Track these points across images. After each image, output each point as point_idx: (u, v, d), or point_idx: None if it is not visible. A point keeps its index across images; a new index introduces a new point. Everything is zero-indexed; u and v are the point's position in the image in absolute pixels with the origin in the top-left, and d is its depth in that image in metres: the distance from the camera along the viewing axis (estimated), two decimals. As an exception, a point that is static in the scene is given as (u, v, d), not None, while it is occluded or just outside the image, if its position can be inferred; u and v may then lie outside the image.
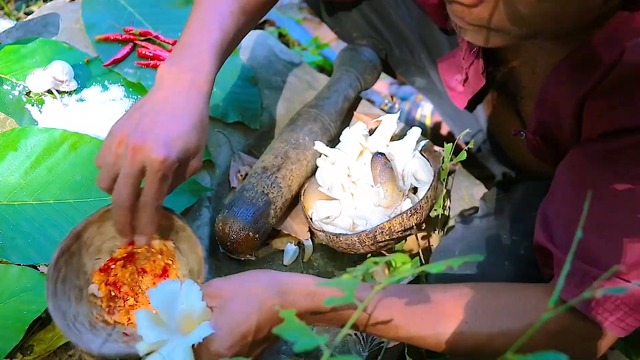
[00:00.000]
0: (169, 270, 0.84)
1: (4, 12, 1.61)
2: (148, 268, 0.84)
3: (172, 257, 0.83)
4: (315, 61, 1.71)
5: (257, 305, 0.69)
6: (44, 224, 0.89)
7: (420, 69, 1.26)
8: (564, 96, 0.76)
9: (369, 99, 1.57)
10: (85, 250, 0.79)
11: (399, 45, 1.24)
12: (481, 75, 0.93)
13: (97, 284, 0.81)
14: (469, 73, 0.97)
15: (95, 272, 0.81)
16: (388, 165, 0.93)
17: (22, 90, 1.02)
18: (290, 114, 1.16)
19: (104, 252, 0.82)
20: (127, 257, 0.83)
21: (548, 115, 0.82)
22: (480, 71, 0.93)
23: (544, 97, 0.81)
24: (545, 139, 0.86)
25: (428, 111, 1.49)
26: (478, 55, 0.92)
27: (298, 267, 0.96)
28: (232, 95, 1.13)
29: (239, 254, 0.94)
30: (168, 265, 0.84)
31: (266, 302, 0.69)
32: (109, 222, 0.79)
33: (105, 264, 0.82)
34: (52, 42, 1.09)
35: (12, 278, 0.83)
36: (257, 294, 0.70)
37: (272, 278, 0.72)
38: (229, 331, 0.67)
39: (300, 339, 0.50)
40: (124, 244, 0.80)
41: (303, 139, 1.02)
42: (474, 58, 0.93)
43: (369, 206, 0.94)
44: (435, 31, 1.17)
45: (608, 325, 0.68)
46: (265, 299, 0.69)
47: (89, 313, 0.78)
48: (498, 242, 0.94)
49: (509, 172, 1.20)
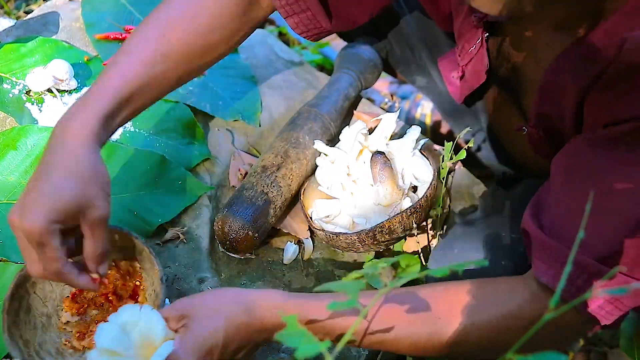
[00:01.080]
0: (138, 291, 0.84)
1: (4, 10, 1.61)
2: (119, 290, 0.84)
3: (140, 278, 0.84)
4: (315, 60, 1.71)
5: (222, 322, 0.69)
6: (44, 223, 0.89)
7: (421, 68, 1.26)
8: (565, 88, 0.75)
9: (369, 98, 1.57)
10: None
11: (400, 44, 1.24)
12: (483, 73, 0.93)
13: (68, 310, 0.81)
14: (466, 70, 0.97)
15: (67, 298, 0.81)
16: (388, 164, 0.93)
17: (22, 89, 1.02)
18: (291, 113, 1.16)
19: None
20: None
21: (550, 107, 0.81)
22: (482, 68, 0.92)
23: (546, 88, 0.80)
24: (547, 132, 0.85)
25: (428, 110, 1.49)
26: (479, 52, 0.92)
27: (298, 265, 0.96)
28: (232, 94, 1.13)
29: (239, 253, 0.94)
30: (137, 286, 0.84)
31: (232, 319, 0.69)
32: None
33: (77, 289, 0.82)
34: (52, 41, 1.09)
35: (12, 276, 0.83)
36: (223, 311, 0.70)
37: (237, 295, 0.73)
38: (194, 345, 0.67)
39: (302, 345, 0.50)
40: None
41: (303, 138, 1.02)
42: (472, 56, 0.93)
43: (369, 205, 0.94)
44: (436, 30, 1.17)
45: (592, 310, 0.68)
46: (231, 315, 0.70)
47: (57, 340, 0.78)
48: (497, 240, 0.94)
49: (509, 171, 1.20)
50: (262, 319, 0.70)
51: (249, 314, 0.70)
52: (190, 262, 0.91)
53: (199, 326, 0.69)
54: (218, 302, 0.71)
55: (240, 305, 0.71)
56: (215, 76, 1.14)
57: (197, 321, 0.69)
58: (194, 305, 0.71)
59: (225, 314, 0.70)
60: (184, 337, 0.68)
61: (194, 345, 0.67)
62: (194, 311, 0.70)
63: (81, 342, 0.80)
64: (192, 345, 0.67)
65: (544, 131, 0.85)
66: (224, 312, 0.70)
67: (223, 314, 0.70)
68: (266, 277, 0.93)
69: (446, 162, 0.94)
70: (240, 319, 0.70)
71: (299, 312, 0.71)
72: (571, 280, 0.67)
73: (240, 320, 0.70)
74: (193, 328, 0.69)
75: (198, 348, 0.67)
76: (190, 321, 0.69)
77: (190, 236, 0.95)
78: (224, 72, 1.16)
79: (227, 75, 1.16)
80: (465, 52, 0.94)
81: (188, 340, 0.68)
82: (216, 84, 1.13)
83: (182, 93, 1.08)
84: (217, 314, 0.70)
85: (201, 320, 0.69)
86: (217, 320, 0.69)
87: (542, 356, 0.44)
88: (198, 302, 0.72)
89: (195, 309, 0.70)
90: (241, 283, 0.92)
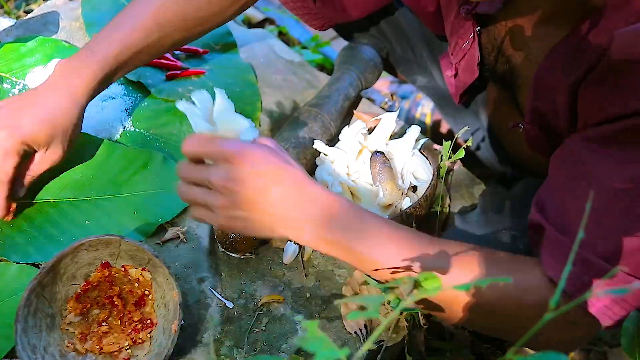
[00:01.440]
0: (145, 300, 0.84)
1: (4, 10, 1.61)
2: (125, 294, 0.84)
3: (149, 288, 0.83)
4: (315, 60, 1.71)
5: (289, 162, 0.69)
6: (44, 223, 0.89)
7: (421, 68, 1.26)
8: (557, 84, 0.75)
9: (369, 98, 1.57)
10: (58, 279, 0.80)
11: (400, 43, 1.24)
12: (475, 67, 0.93)
13: (72, 310, 0.81)
14: (459, 67, 0.97)
15: (71, 298, 0.81)
16: (387, 163, 0.93)
17: (22, 88, 1.02)
18: (291, 113, 1.16)
19: (79, 278, 0.82)
20: (104, 282, 0.83)
21: (544, 103, 0.81)
22: (474, 63, 0.92)
23: (539, 84, 0.80)
24: (542, 128, 0.85)
25: (428, 109, 1.49)
26: (472, 47, 0.92)
27: (298, 265, 0.96)
28: (231, 94, 1.13)
29: (239, 253, 0.94)
30: (145, 295, 0.83)
31: (302, 183, 0.68)
32: (82, 252, 0.80)
33: (82, 288, 0.82)
34: (52, 41, 1.09)
35: (12, 276, 0.83)
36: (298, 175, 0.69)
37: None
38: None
39: (321, 351, 0.49)
40: (98, 268, 0.82)
41: (303, 138, 1.02)
42: (465, 52, 0.93)
43: (369, 205, 0.94)
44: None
45: (595, 311, 0.67)
46: (301, 180, 0.69)
47: (60, 341, 0.78)
48: (497, 238, 0.94)
49: (509, 170, 1.20)
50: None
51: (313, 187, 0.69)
52: (190, 262, 0.92)
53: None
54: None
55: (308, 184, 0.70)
56: (215, 76, 1.15)
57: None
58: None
59: (296, 177, 0.69)
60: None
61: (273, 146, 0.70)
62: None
63: (83, 345, 0.80)
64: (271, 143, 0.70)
65: (539, 127, 0.85)
66: (297, 175, 0.69)
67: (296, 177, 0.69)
68: (266, 276, 0.94)
69: (445, 161, 0.94)
70: (305, 185, 0.69)
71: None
72: (578, 277, 0.66)
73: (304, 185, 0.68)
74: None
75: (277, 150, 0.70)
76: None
77: (190, 236, 0.95)
78: (224, 72, 1.16)
79: (227, 74, 1.16)
80: (458, 49, 0.93)
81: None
82: (216, 83, 1.13)
83: (182, 92, 1.08)
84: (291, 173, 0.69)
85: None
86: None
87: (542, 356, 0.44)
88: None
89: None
90: (241, 282, 0.92)
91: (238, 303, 0.90)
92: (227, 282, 0.92)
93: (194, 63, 1.16)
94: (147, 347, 0.81)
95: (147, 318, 0.83)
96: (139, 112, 1.04)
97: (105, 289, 0.83)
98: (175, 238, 0.94)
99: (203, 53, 1.18)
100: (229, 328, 0.87)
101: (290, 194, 0.68)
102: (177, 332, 0.75)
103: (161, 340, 0.80)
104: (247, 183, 0.67)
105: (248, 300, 0.90)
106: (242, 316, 0.88)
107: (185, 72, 1.12)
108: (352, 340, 0.88)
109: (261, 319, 0.88)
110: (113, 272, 0.83)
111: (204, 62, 1.17)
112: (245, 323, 0.88)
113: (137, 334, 0.81)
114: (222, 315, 0.88)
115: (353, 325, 0.88)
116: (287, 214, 0.68)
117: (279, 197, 0.67)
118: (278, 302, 0.91)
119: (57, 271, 0.79)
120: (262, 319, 0.88)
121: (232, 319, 0.88)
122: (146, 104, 1.06)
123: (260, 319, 0.88)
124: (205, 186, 0.69)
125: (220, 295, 0.90)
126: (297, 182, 0.69)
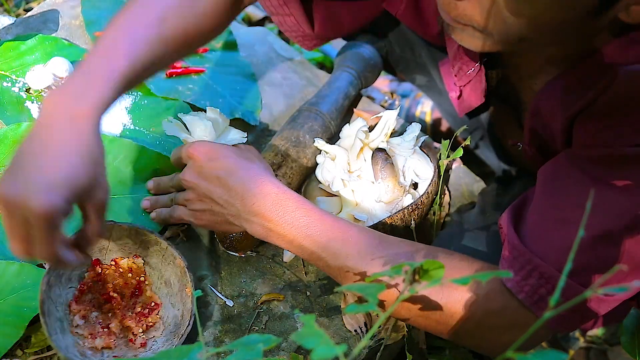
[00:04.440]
0: (142, 287, 0.85)
1: (4, 8, 1.61)
2: (120, 288, 0.84)
3: (143, 274, 0.85)
4: (315, 58, 1.70)
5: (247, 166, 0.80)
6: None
7: (420, 67, 1.25)
8: (554, 114, 0.77)
9: (369, 96, 1.57)
10: (59, 281, 0.80)
11: (400, 43, 1.24)
12: (481, 93, 0.93)
13: (77, 312, 0.81)
14: (464, 91, 0.97)
15: (71, 301, 0.81)
16: (389, 161, 0.93)
17: (21, 87, 1.02)
18: (290, 111, 1.16)
19: (74, 280, 0.82)
20: (96, 280, 0.83)
21: (541, 129, 0.83)
22: (480, 89, 0.93)
23: (536, 112, 0.82)
24: (541, 150, 0.87)
25: (428, 108, 1.49)
26: (478, 74, 0.92)
27: (298, 263, 0.96)
28: (232, 92, 1.13)
29: (239, 251, 0.94)
30: (140, 282, 0.85)
31: (258, 176, 0.79)
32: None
33: (78, 290, 0.82)
34: (51, 39, 1.08)
35: (12, 275, 0.83)
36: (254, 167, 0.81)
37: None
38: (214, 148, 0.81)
39: (318, 348, 0.49)
40: (89, 268, 0.83)
41: (303, 136, 1.02)
42: (470, 79, 0.93)
43: (370, 202, 0.94)
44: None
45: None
46: (258, 174, 0.79)
47: (75, 343, 0.79)
48: (495, 237, 0.94)
49: (508, 169, 1.20)
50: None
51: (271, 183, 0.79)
52: (190, 260, 0.91)
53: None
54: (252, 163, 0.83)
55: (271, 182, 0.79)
56: (215, 74, 1.14)
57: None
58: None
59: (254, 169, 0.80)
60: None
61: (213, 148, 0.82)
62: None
63: (94, 343, 0.80)
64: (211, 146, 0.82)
65: (537, 148, 0.87)
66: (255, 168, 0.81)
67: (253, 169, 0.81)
68: (266, 275, 0.94)
69: (443, 159, 0.94)
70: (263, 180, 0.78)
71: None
72: (535, 289, 0.69)
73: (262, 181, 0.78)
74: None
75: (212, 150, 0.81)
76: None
77: (190, 234, 0.95)
78: (224, 70, 1.16)
79: (227, 73, 1.16)
80: (462, 74, 0.94)
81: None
82: (216, 81, 1.13)
83: (182, 91, 1.08)
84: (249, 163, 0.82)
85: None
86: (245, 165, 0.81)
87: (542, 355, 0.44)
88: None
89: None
90: (241, 281, 0.92)
91: (238, 301, 0.90)
92: (227, 281, 0.92)
93: (194, 61, 1.16)
94: (160, 326, 0.83)
95: (150, 302, 0.84)
96: (139, 110, 1.04)
97: (98, 289, 0.83)
98: (175, 236, 0.94)
99: (203, 51, 1.18)
100: (229, 326, 0.87)
101: (241, 187, 0.77)
102: (192, 294, 0.75)
103: (174, 313, 0.83)
104: (203, 175, 0.79)
105: (248, 298, 0.90)
106: (242, 314, 0.88)
107: (186, 70, 1.12)
108: (353, 339, 0.88)
109: (261, 317, 0.88)
110: (104, 269, 0.84)
111: (204, 60, 1.17)
112: (245, 321, 0.88)
113: (146, 318, 0.83)
114: (222, 314, 0.88)
115: (353, 324, 0.89)
116: (238, 207, 0.78)
117: (231, 189, 0.78)
118: (278, 301, 0.91)
119: (57, 271, 0.79)
120: (262, 317, 0.88)
121: (232, 317, 0.88)
122: (146, 102, 1.05)
123: (260, 317, 0.88)
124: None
125: (220, 293, 0.90)
126: (249, 176, 0.77)
